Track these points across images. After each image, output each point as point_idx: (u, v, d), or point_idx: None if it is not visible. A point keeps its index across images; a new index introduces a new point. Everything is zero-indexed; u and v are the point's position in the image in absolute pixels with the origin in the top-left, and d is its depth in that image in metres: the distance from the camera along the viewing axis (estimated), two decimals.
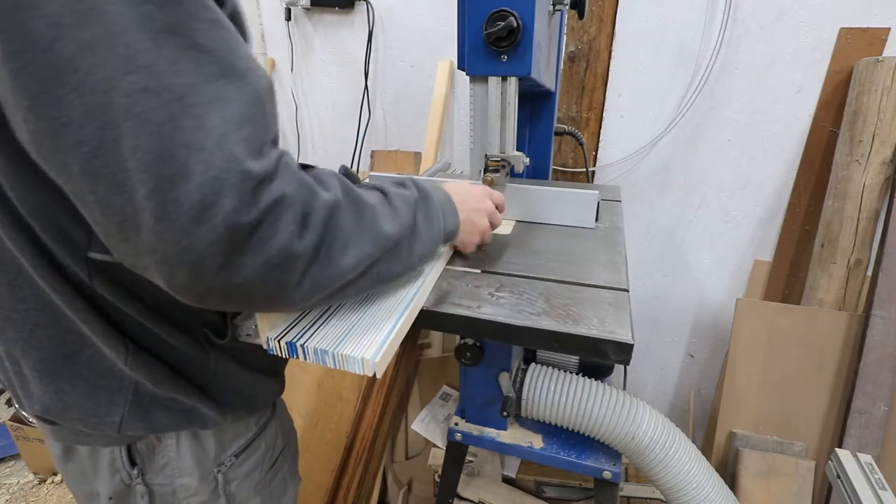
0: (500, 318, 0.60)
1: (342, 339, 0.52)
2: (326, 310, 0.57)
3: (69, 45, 0.33)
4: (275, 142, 0.42)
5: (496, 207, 0.75)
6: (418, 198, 0.58)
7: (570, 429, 0.92)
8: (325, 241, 0.43)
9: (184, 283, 0.39)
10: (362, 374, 0.49)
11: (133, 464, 0.61)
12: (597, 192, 0.90)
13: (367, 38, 1.63)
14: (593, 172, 1.55)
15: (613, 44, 1.42)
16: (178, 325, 0.56)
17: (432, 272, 0.67)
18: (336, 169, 0.59)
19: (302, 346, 0.51)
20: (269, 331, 0.53)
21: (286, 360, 0.72)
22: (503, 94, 0.80)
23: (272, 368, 0.70)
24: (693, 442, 0.93)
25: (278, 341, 0.52)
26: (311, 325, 0.54)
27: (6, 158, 0.43)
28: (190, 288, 0.39)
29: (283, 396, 0.77)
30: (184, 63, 0.35)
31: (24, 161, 0.40)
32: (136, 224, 0.36)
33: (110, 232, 0.39)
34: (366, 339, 0.52)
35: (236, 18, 0.45)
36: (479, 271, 0.72)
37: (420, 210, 0.57)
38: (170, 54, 0.35)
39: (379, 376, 0.50)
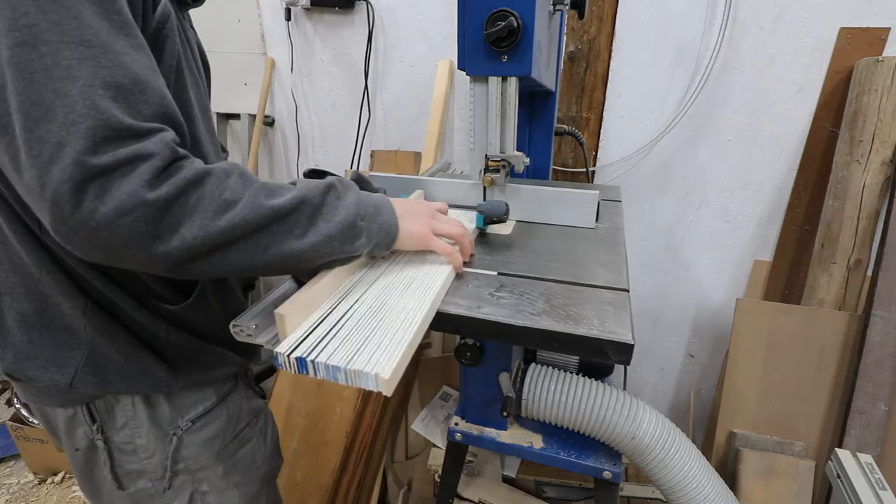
0: (501, 318, 0.60)
1: (354, 355, 0.49)
2: (336, 322, 0.55)
3: None
4: (163, 119, 0.46)
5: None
6: (333, 183, 0.57)
7: (570, 429, 0.92)
8: (188, 197, 0.45)
9: (50, 224, 0.42)
10: (377, 391, 0.47)
11: (93, 420, 0.66)
12: (597, 192, 0.90)
13: (367, 38, 1.63)
14: (593, 172, 1.55)
15: (613, 44, 1.42)
16: (126, 290, 0.62)
17: (442, 283, 0.64)
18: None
19: (312, 361, 0.49)
20: (282, 343, 0.51)
21: None
22: (503, 94, 0.80)
23: (231, 343, 0.69)
24: (693, 442, 0.93)
25: (287, 356, 0.49)
26: (322, 339, 0.52)
27: None
28: (55, 228, 0.42)
29: (284, 395, 0.77)
30: (65, 25, 0.41)
31: None
32: (19, 162, 0.42)
33: (12, 176, 0.44)
34: (379, 354, 0.49)
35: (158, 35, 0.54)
36: (479, 271, 0.72)
37: (331, 192, 0.56)
38: (54, 17, 0.41)
39: (388, 394, 0.48)
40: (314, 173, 0.67)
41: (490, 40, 0.72)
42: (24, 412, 1.78)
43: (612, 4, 1.37)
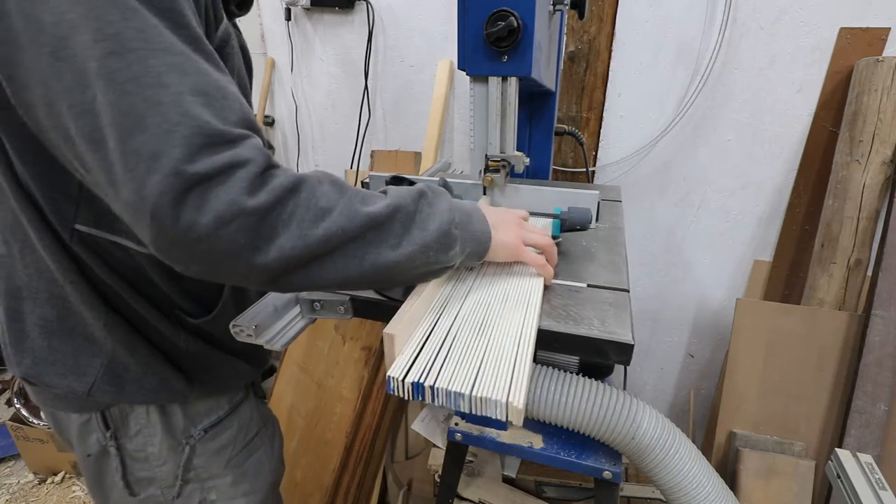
0: None
1: (475, 379, 0.46)
2: (442, 341, 0.52)
3: (63, 27, 0.39)
4: (247, 126, 0.45)
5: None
6: (424, 190, 0.55)
7: (570, 429, 0.92)
8: (285, 206, 0.43)
9: (151, 239, 0.41)
10: (504, 420, 0.44)
11: (107, 426, 0.66)
12: (597, 192, 0.90)
13: (367, 38, 1.63)
14: (593, 172, 1.55)
15: (613, 44, 1.41)
16: (151, 301, 0.62)
17: (539, 298, 0.61)
18: (337, 171, 0.60)
19: (431, 387, 0.45)
20: (392, 366, 0.48)
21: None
22: (503, 94, 0.80)
23: (244, 352, 0.72)
24: (693, 442, 0.93)
25: (401, 381, 0.45)
26: (433, 361, 0.48)
27: (16, 138, 0.49)
28: (156, 243, 0.41)
29: (284, 395, 0.78)
30: (148, 33, 0.40)
31: (28, 139, 0.48)
32: (115, 178, 0.40)
33: (107, 193, 0.43)
34: (501, 379, 0.46)
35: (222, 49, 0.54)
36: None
37: (424, 199, 0.53)
38: (136, 25, 0.40)
39: (519, 424, 0.45)
40: (396, 180, 0.64)
41: (490, 40, 0.72)
42: (24, 412, 1.78)
43: (612, 4, 1.37)
